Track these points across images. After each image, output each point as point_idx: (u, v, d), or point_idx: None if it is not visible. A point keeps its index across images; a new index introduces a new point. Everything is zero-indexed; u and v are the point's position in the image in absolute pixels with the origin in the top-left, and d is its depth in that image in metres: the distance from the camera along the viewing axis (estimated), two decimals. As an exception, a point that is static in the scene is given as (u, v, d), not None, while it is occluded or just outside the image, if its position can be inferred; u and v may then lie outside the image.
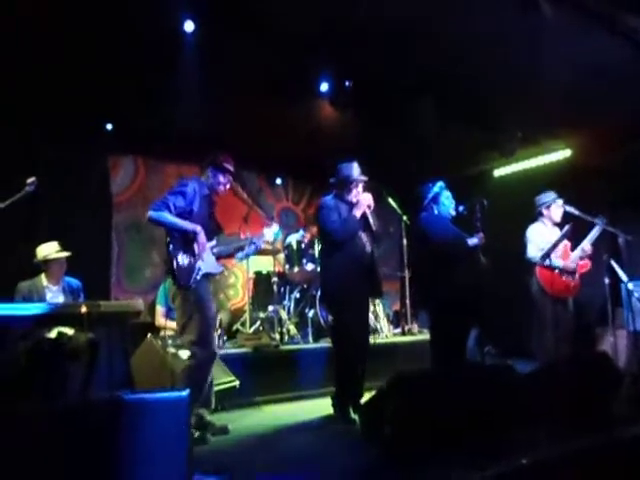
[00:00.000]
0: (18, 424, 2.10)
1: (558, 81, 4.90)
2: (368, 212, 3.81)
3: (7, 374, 3.80)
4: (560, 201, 4.80)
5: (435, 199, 4.14)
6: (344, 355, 3.74)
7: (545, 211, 4.86)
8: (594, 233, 4.71)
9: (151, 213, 3.43)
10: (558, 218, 4.82)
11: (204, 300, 3.50)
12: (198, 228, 3.49)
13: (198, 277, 3.47)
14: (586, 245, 4.70)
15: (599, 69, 4.73)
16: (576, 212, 4.71)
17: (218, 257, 3.69)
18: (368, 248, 3.84)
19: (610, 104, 5.28)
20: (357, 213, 3.75)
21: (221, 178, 3.70)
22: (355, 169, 3.87)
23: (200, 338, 3.45)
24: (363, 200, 3.78)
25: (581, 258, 4.71)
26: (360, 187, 3.86)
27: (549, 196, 4.87)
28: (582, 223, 4.75)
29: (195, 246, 3.49)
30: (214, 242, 3.69)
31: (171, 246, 3.44)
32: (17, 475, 1.97)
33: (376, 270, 3.91)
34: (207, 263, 3.56)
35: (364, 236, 3.83)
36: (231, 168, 3.74)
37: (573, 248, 4.80)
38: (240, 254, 3.92)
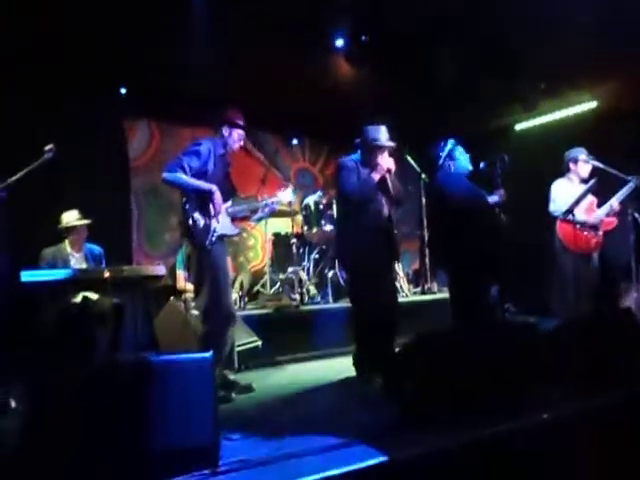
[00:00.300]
0: (51, 387, 2.18)
1: (582, 27, 4.69)
2: (388, 176, 3.71)
3: (37, 338, 3.92)
4: (585, 157, 4.69)
5: (450, 156, 4.04)
6: (360, 316, 3.76)
7: (572, 166, 4.77)
8: (625, 191, 4.60)
9: (165, 175, 3.42)
10: (585, 174, 4.73)
11: (218, 263, 3.49)
12: (214, 187, 3.46)
13: (214, 238, 3.45)
14: (614, 202, 4.62)
15: (623, 10, 4.51)
16: (603, 166, 4.60)
17: (233, 218, 3.67)
18: (385, 212, 3.77)
19: (636, 51, 5.05)
20: (375, 176, 3.66)
21: (235, 134, 3.67)
22: (383, 133, 3.75)
23: (212, 302, 3.45)
24: (383, 163, 3.67)
25: (607, 215, 4.63)
26: (386, 153, 3.74)
27: (577, 151, 4.77)
28: (610, 179, 4.63)
29: (211, 206, 3.47)
30: (229, 203, 3.67)
31: (187, 206, 3.44)
32: (52, 436, 2.05)
33: (393, 235, 3.85)
34: (223, 224, 3.54)
35: (382, 200, 3.75)
36: (242, 123, 3.70)
37: (600, 204, 4.71)
38: (255, 216, 3.90)
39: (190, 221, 3.42)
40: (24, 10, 4.33)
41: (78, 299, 4.28)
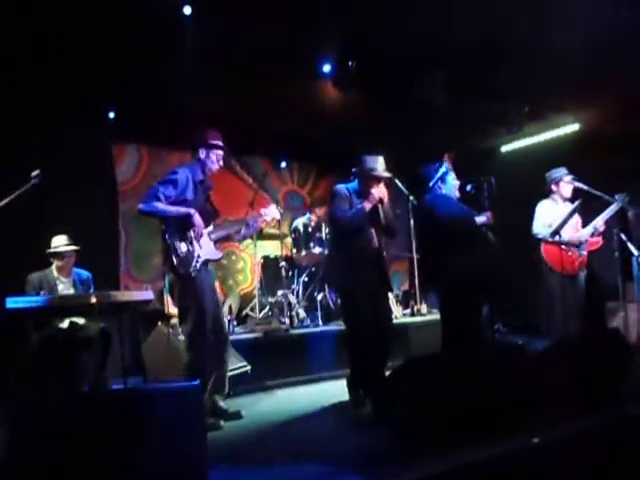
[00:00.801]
0: (35, 415, 2.13)
1: (566, 52, 4.81)
2: (380, 206, 3.71)
3: (23, 364, 3.85)
4: (569, 177, 4.76)
5: (443, 179, 4.08)
6: (352, 341, 3.74)
7: (554, 187, 4.85)
8: (610, 211, 4.66)
9: (141, 206, 3.39)
10: (568, 194, 4.80)
11: (202, 289, 3.44)
12: (192, 210, 3.42)
13: (198, 265, 3.41)
14: (599, 222, 4.67)
15: (607, 38, 4.63)
16: (585, 188, 4.68)
17: (216, 241, 3.64)
18: (375, 243, 3.75)
19: (619, 75, 5.18)
20: (367, 206, 3.65)
21: (213, 156, 3.63)
22: (380, 164, 3.75)
23: (197, 329, 3.41)
24: (376, 193, 3.66)
25: (592, 235, 4.68)
26: (382, 183, 3.74)
27: (559, 172, 4.85)
28: (595, 198, 4.70)
29: (191, 231, 3.43)
30: (211, 227, 3.63)
31: (167, 235, 3.41)
32: (35, 465, 2.01)
33: (383, 266, 3.84)
34: (206, 249, 3.50)
35: (372, 231, 3.74)
36: (220, 143, 3.67)
37: (584, 224, 4.76)
38: (239, 236, 3.85)
39: (172, 250, 3.38)
40: (11, 33, 4.35)
41: (65, 324, 4.23)
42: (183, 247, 3.41)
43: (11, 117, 4.94)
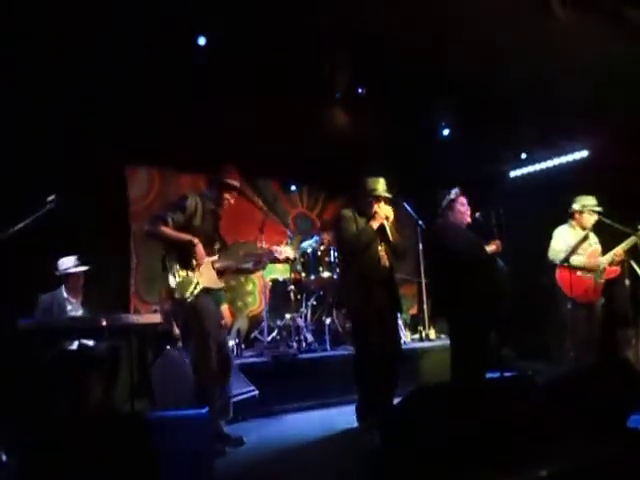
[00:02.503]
0: (43, 440, 2.15)
1: (574, 82, 4.87)
2: (386, 224, 3.77)
3: (31, 385, 3.87)
4: (592, 209, 4.70)
5: (451, 206, 4.11)
6: (361, 365, 3.73)
7: (578, 215, 4.78)
8: (630, 242, 4.60)
9: (147, 227, 3.44)
10: (588, 225, 4.74)
11: (204, 313, 3.43)
12: (195, 240, 3.44)
13: (196, 292, 3.41)
14: (618, 251, 4.63)
15: (615, 69, 4.69)
16: (609, 222, 4.61)
17: (222, 272, 3.64)
18: (384, 262, 3.79)
19: (627, 103, 5.21)
20: (373, 224, 3.70)
21: (227, 195, 3.67)
22: (380, 184, 3.84)
23: (200, 352, 3.41)
24: (380, 212, 3.73)
25: (610, 264, 4.65)
26: (382, 203, 3.81)
27: (584, 201, 4.76)
28: (611, 227, 4.66)
29: (193, 259, 3.44)
30: (216, 257, 3.64)
31: (167, 259, 3.44)
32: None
33: (394, 284, 3.86)
34: (206, 277, 3.49)
35: (380, 249, 3.78)
36: (236, 184, 3.70)
37: (604, 253, 4.74)
38: (245, 267, 3.88)
39: (170, 277, 3.40)
40: (23, 54, 4.46)
41: (74, 346, 4.26)
42: (182, 273, 3.42)
43: (26, 140, 5.03)
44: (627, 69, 4.65)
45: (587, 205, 4.74)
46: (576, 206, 4.78)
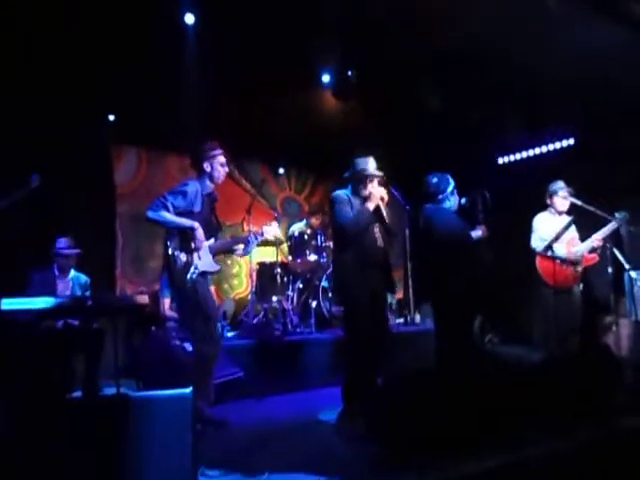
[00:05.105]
0: (27, 417, 2.15)
1: (563, 67, 4.88)
2: (382, 205, 3.75)
3: (15, 366, 3.85)
4: (563, 192, 4.78)
5: (453, 192, 4.09)
6: (354, 350, 3.71)
7: (549, 200, 4.86)
8: (608, 229, 4.65)
9: (149, 213, 3.48)
10: (562, 208, 4.80)
11: (202, 297, 3.54)
12: (196, 224, 3.53)
13: (194, 276, 3.50)
14: (597, 239, 4.68)
15: (603, 54, 4.69)
16: (579, 203, 4.68)
17: (214, 255, 3.71)
18: (380, 243, 3.77)
19: (614, 90, 5.24)
20: (370, 206, 3.68)
21: (216, 164, 3.70)
22: (371, 164, 3.80)
23: (202, 335, 3.51)
24: (376, 193, 3.71)
25: (590, 251, 4.71)
26: (375, 182, 3.78)
27: (555, 185, 4.84)
28: (591, 214, 4.71)
29: (192, 244, 3.54)
30: (212, 240, 3.71)
31: (168, 243, 3.51)
32: (25, 470, 2.02)
33: (388, 266, 3.86)
34: (204, 261, 3.59)
35: (376, 231, 3.76)
36: (220, 151, 3.74)
37: (582, 239, 4.79)
38: (238, 252, 3.94)
39: (171, 259, 3.48)
40: (11, 33, 4.38)
41: (59, 325, 4.25)
42: (183, 257, 3.52)
43: (10, 120, 4.95)
44: (616, 55, 4.66)
45: (557, 189, 4.80)
46: (548, 190, 4.87)
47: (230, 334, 5.53)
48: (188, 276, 3.47)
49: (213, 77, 5.22)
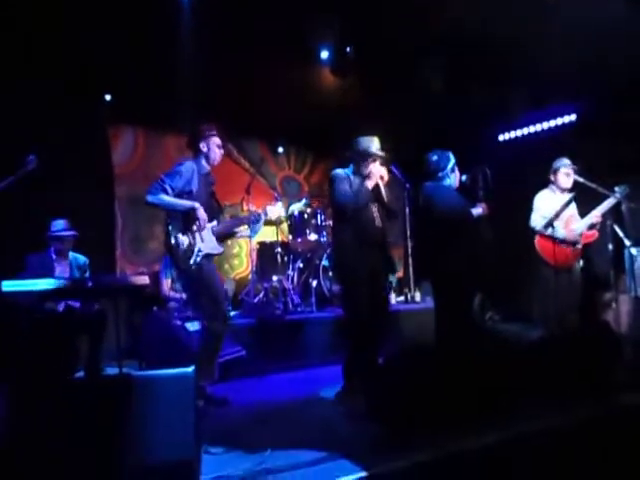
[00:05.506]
0: (30, 398, 2.17)
1: (564, 43, 4.80)
2: (381, 184, 3.72)
3: (18, 348, 3.87)
4: (566, 169, 4.73)
5: (453, 169, 4.05)
6: (353, 328, 3.72)
7: (552, 177, 4.81)
8: (607, 204, 4.60)
9: (148, 197, 3.45)
10: (566, 185, 4.75)
11: (208, 278, 3.54)
12: (197, 204, 3.50)
13: (198, 259, 3.48)
14: (596, 215, 4.65)
15: (605, 29, 4.62)
16: (581, 180, 4.64)
17: (218, 237, 3.70)
18: (378, 222, 3.74)
19: (615, 64, 5.17)
20: (369, 184, 3.65)
21: (212, 145, 3.67)
22: (374, 143, 3.75)
23: (211, 314, 3.53)
24: (375, 171, 3.68)
25: (589, 228, 4.68)
26: (377, 162, 3.74)
27: (559, 162, 4.79)
28: (592, 190, 4.67)
29: (195, 225, 3.51)
30: (215, 222, 3.69)
31: (170, 227, 3.48)
32: (29, 450, 2.04)
33: (386, 246, 3.84)
34: (207, 243, 3.57)
35: (375, 210, 3.74)
36: (216, 132, 3.71)
37: (582, 214, 4.76)
38: (242, 233, 3.94)
39: (173, 242, 3.45)
40: (6, 13, 4.31)
41: (60, 307, 4.26)
42: (185, 240, 3.49)
43: (5, 99, 4.90)
44: (617, 28, 4.58)
45: (561, 165, 4.75)
46: (552, 167, 4.81)
47: (231, 313, 5.55)
48: (192, 260, 3.45)
49: (210, 55, 5.14)
